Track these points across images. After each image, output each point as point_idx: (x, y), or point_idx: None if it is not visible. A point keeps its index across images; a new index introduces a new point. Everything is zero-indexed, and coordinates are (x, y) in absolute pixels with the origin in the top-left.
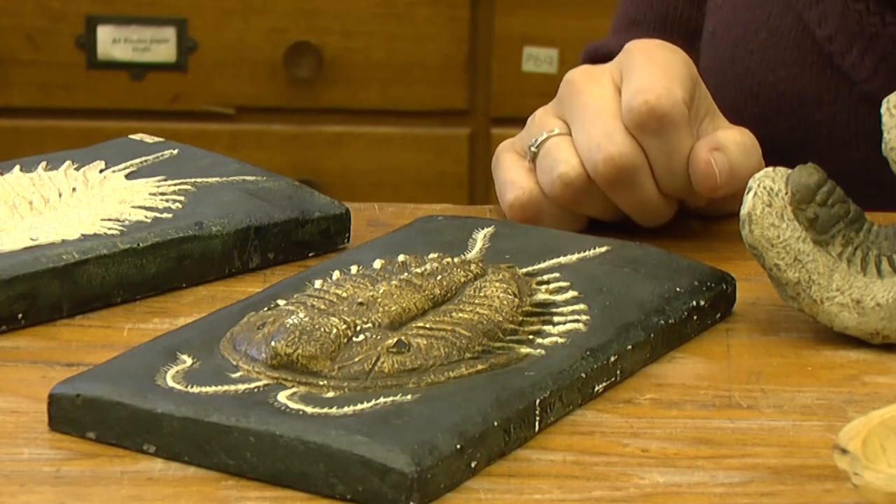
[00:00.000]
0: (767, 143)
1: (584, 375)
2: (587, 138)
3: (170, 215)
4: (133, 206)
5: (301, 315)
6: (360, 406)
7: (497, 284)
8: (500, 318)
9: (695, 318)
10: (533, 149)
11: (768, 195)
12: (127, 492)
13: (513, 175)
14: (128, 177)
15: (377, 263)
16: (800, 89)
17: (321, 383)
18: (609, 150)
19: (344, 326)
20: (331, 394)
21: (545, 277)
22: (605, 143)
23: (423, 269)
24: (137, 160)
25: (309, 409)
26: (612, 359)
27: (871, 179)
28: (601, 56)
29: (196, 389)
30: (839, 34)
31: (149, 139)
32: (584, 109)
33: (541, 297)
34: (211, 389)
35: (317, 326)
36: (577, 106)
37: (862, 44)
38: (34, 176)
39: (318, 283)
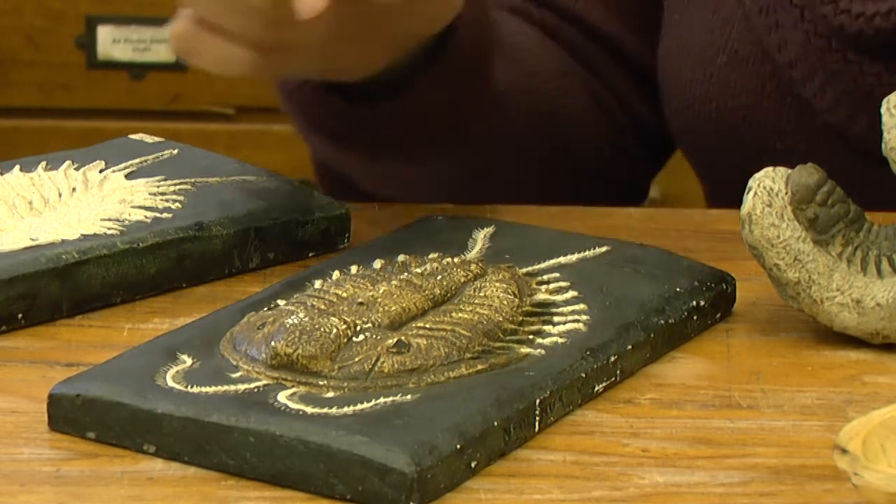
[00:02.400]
0: (728, 171)
1: (584, 375)
2: None
3: (170, 215)
4: (133, 206)
5: (301, 315)
6: (360, 406)
7: (497, 284)
8: (500, 318)
9: (695, 318)
10: None
11: (768, 195)
12: (127, 492)
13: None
14: (128, 177)
15: (377, 263)
16: (759, 118)
17: (321, 383)
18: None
19: (344, 326)
20: (331, 394)
21: (545, 277)
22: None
23: (423, 269)
24: (137, 160)
25: (309, 409)
26: (612, 359)
27: None
28: None
29: (196, 389)
30: (800, 62)
31: (149, 139)
32: None
33: (541, 297)
34: (211, 389)
35: (317, 326)
36: None
37: (824, 76)
38: (34, 176)
39: (318, 283)
